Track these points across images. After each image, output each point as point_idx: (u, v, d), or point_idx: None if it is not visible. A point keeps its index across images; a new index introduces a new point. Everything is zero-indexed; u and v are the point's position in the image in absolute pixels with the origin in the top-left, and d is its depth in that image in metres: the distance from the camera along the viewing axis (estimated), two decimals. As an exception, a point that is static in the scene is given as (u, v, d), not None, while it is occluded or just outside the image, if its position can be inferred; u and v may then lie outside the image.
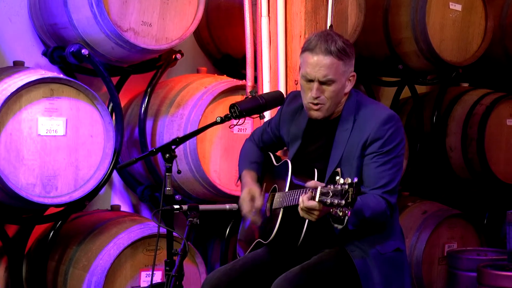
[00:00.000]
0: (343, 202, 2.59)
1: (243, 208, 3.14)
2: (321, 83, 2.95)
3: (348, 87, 3.02)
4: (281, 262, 3.06)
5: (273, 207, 3.11)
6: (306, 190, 2.76)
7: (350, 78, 3.02)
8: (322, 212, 2.72)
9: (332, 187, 2.63)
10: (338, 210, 2.61)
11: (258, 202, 3.11)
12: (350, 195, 2.58)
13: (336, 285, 2.96)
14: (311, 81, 2.97)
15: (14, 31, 4.25)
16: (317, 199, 2.66)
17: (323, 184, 2.70)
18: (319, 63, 2.93)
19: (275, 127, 3.32)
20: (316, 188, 2.68)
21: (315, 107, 3.00)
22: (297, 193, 2.90)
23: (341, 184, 2.62)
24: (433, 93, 5.64)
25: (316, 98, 2.97)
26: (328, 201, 2.62)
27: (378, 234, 3.00)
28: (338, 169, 2.71)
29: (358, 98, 3.07)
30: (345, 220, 2.84)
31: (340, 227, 2.87)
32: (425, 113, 5.39)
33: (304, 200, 2.72)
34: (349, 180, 2.61)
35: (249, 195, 3.13)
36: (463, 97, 5.48)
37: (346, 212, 2.61)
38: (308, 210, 2.73)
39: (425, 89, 5.89)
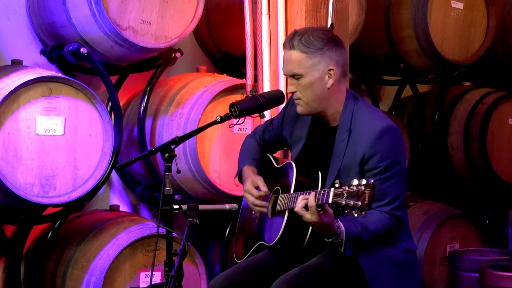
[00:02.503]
0: (360, 203, 2.54)
1: (248, 198, 3.11)
2: (292, 77, 2.96)
3: (330, 82, 2.96)
4: (284, 265, 3.03)
5: (276, 209, 3.07)
6: (317, 191, 2.72)
7: (330, 72, 2.95)
8: (321, 217, 2.70)
9: (346, 188, 2.59)
10: (355, 212, 2.56)
11: (264, 188, 3.08)
12: (367, 196, 2.53)
13: (338, 285, 2.93)
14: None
15: (12, 29, 4.23)
16: (330, 200, 2.61)
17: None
18: (285, 58, 2.98)
19: (277, 127, 3.30)
20: (329, 190, 2.63)
21: (296, 101, 3.02)
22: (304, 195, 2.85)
23: (356, 185, 2.57)
24: (434, 92, 5.62)
25: (292, 92, 2.99)
26: (343, 202, 2.57)
27: (386, 241, 2.96)
28: (337, 181, 2.67)
29: (355, 106, 3.01)
30: (343, 246, 2.81)
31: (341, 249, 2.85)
32: (426, 112, 5.37)
33: (299, 204, 2.72)
34: (364, 181, 2.56)
35: (253, 185, 3.11)
36: (465, 96, 5.46)
37: (363, 213, 2.56)
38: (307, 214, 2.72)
39: (426, 88, 5.86)
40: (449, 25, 4.99)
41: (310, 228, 2.88)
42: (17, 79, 3.63)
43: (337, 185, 2.64)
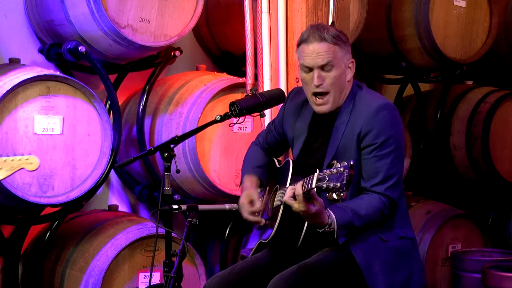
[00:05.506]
0: (339, 184, 2.56)
1: (242, 212, 3.12)
2: (321, 69, 2.94)
3: (349, 75, 3.01)
4: (282, 265, 3.02)
5: (274, 206, 3.07)
6: (304, 179, 2.72)
7: (350, 65, 3.01)
8: (308, 206, 2.69)
9: (328, 171, 2.61)
10: (335, 194, 2.58)
11: (257, 204, 3.09)
12: (345, 177, 2.55)
13: (336, 283, 2.91)
14: (311, 70, 2.96)
15: (10, 28, 4.22)
16: (313, 185, 2.62)
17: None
18: (316, 50, 2.94)
19: (278, 125, 3.30)
20: (313, 175, 2.64)
21: (319, 101, 2.98)
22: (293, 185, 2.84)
23: (337, 168, 2.59)
24: (436, 91, 5.60)
25: (319, 86, 2.95)
26: (324, 185, 2.59)
27: (380, 226, 2.95)
28: (334, 162, 2.68)
29: (358, 91, 3.05)
30: (335, 234, 2.81)
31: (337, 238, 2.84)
32: (428, 111, 5.35)
33: (288, 193, 2.71)
34: (345, 163, 2.58)
35: (247, 199, 3.11)
36: (467, 95, 5.44)
37: (342, 195, 2.57)
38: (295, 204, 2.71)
39: (428, 87, 5.85)
40: (451, 23, 4.97)
41: (306, 223, 2.87)
42: (14, 77, 3.62)
43: (332, 166, 2.66)
